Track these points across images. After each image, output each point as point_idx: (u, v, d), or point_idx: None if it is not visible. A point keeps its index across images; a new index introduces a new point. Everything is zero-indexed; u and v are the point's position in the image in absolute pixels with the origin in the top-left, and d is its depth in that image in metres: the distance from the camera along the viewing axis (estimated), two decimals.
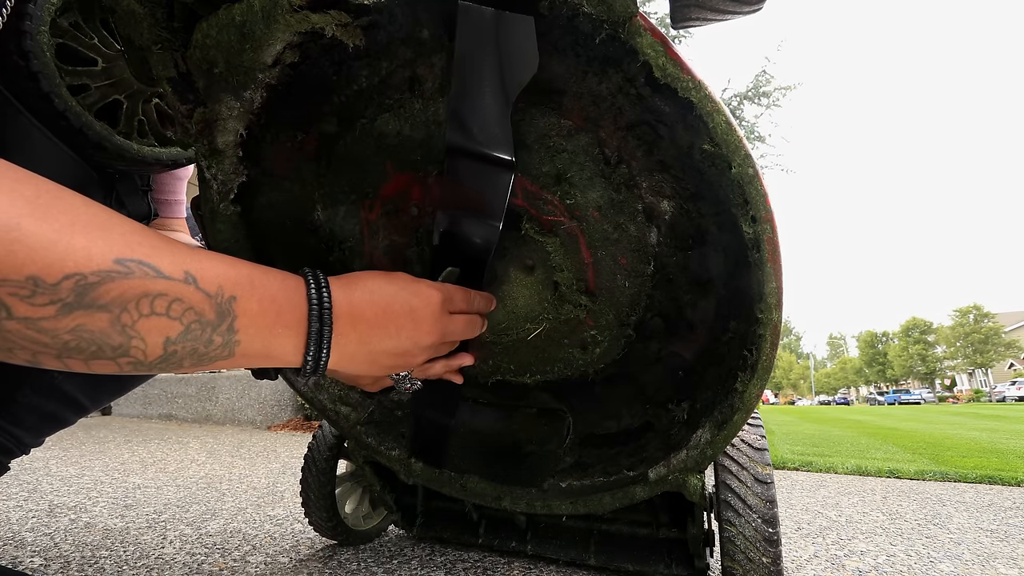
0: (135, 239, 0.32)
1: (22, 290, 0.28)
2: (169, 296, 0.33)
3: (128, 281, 0.31)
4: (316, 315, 0.40)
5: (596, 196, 0.59)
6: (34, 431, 0.70)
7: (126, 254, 0.31)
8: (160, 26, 0.52)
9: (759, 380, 0.55)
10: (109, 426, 3.26)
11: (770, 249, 0.50)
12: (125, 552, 0.90)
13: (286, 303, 0.39)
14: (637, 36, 0.45)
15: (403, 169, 0.63)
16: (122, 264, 0.31)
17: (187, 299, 0.33)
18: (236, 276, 0.37)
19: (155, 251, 0.33)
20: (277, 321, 0.39)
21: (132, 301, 0.31)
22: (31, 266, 0.28)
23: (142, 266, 0.32)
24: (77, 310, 0.30)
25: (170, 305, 0.33)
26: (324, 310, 0.41)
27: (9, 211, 0.27)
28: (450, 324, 0.51)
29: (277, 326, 0.39)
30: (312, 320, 0.40)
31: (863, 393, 70.46)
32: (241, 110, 0.56)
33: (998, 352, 45.06)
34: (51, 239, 0.28)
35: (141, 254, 0.32)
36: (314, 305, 0.41)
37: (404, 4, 0.50)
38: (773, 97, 8.46)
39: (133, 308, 0.31)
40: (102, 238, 0.31)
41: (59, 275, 0.29)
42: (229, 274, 0.36)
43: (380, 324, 0.45)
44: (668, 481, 0.63)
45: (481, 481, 0.75)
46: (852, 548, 1.16)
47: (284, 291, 0.40)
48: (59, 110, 0.53)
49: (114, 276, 0.31)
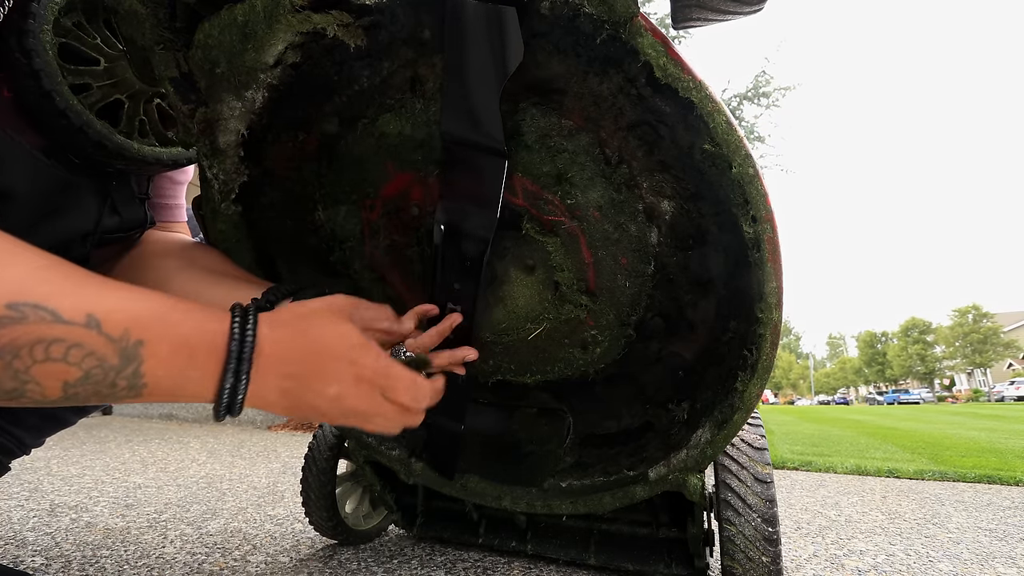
0: (35, 279, 0.31)
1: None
2: (67, 342, 0.31)
3: (21, 327, 0.30)
4: (233, 364, 0.37)
5: (597, 196, 0.59)
6: (35, 431, 0.70)
7: (20, 298, 0.30)
8: (162, 26, 0.52)
9: (759, 380, 0.55)
10: (110, 426, 3.26)
11: (770, 249, 0.50)
12: (126, 551, 0.90)
13: (201, 345, 0.36)
14: (638, 36, 0.45)
15: (404, 169, 0.63)
16: (15, 309, 0.30)
17: (87, 344, 0.32)
18: (147, 318, 0.35)
19: (55, 293, 0.31)
20: (189, 364, 0.36)
21: (25, 348, 0.30)
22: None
23: (38, 310, 0.30)
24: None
25: (68, 351, 0.31)
26: (243, 358, 0.37)
27: None
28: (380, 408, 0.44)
29: (189, 369, 0.36)
30: (229, 361, 0.37)
31: (862, 393, 70.52)
32: (243, 110, 0.56)
33: (997, 352, 45.10)
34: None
35: (39, 296, 0.31)
36: (232, 353, 0.37)
37: (405, 4, 0.50)
38: (773, 97, 8.47)
39: (26, 355, 0.30)
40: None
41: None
42: (139, 316, 0.34)
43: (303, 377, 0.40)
44: (668, 481, 0.64)
45: (481, 481, 0.75)
46: (851, 547, 1.16)
47: (200, 333, 0.37)
48: (60, 108, 0.53)
49: (5, 322, 0.30)
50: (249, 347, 0.37)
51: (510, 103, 0.56)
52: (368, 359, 0.42)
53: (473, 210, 0.57)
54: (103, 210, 0.60)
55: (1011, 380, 33.20)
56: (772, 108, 8.52)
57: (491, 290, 0.68)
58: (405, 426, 0.47)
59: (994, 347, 45.01)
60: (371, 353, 0.43)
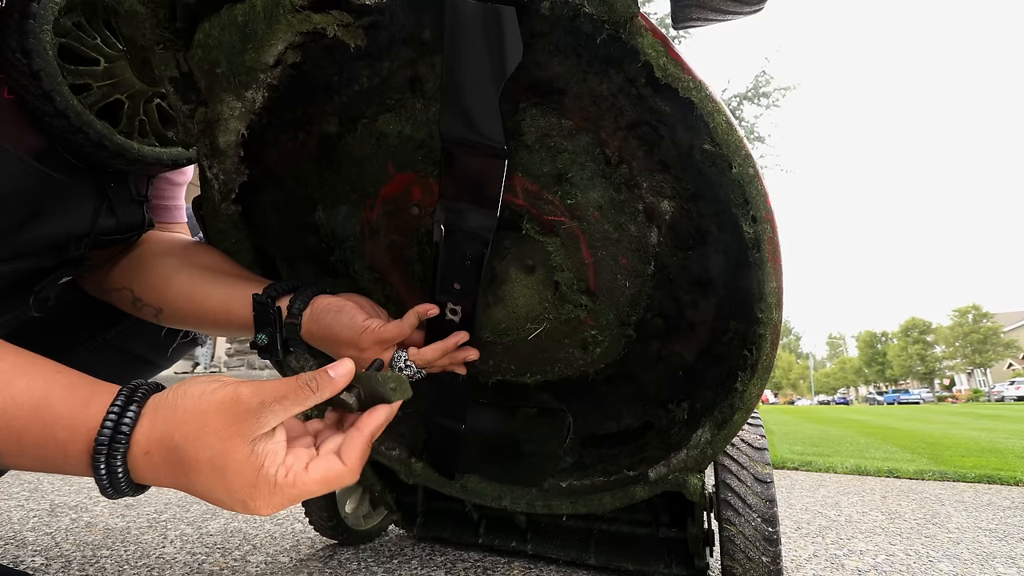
0: None
1: None
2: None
3: None
4: (104, 454, 0.34)
5: (597, 196, 0.59)
6: None
7: None
8: (162, 26, 0.52)
9: (759, 380, 0.55)
10: None
11: (770, 249, 0.50)
12: (126, 551, 0.90)
13: (63, 457, 0.35)
14: (638, 36, 0.45)
15: (404, 169, 0.63)
16: None
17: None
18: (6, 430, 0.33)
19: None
20: (64, 463, 0.35)
21: None
22: None
23: None
24: None
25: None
26: (113, 453, 0.34)
27: None
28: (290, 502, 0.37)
29: (65, 466, 0.35)
30: (98, 461, 0.34)
31: (862, 393, 70.54)
32: (243, 110, 0.56)
33: (997, 352, 45.10)
34: None
35: None
36: (103, 444, 0.34)
37: (405, 4, 0.50)
38: (773, 97, 8.47)
39: None
40: None
41: None
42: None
43: (187, 484, 0.35)
44: (668, 481, 0.64)
45: (481, 481, 0.75)
46: (851, 547, 1.16)
47: (62, 445, 0.34)
48: (60, 108, 0.53)
49: None
50: (122, 448, 0.34)
51: (510, 103, 0.56)
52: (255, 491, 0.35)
53: (473, 210, 0.57)
54: (100, 212, 0.60)
55: (1011, 380, 33.20)
56: (772, 108, 8.54)
57: (491, 290, 0.68)
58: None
59: (994, 347, 45.00)
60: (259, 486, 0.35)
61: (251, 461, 0.34)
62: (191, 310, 0.63)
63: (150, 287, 0.64)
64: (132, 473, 0.35)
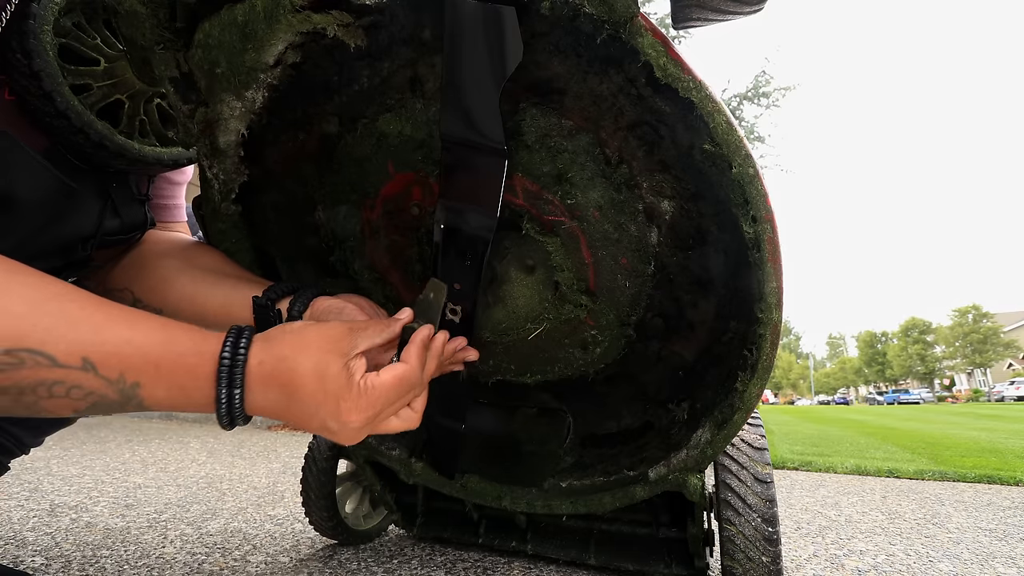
0: (30, 322, 0.32)
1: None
2: (66, 384, 0.33)
3: (20, 371, 0.32)
4: (225, 388, 0.39)
5: (597, 196, 0.59)
6: (34, 430, 0.70)
7: (18, 343, 0.32)
8: (162, 26, 0.52)
9: (759, 380, 0.55)
10: (110, 425, 3.26)
11: (770, 249, 0.50)
12: (126, 551, 0.90)
13: (193, 380, 0.39)
14: (638, 36, 0.45)
15: (404, 169, 0.63)
16: (12, 355, 0.32)
17: (85, 385, 0.34)
18: (141, 362, 0.36)
19: (51, 336, 0.33)
20: (187, 399, 0.39)
21: (28, 388, 0.32)
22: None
23: (34, 356, 0.32)
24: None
25: (69, 391, 0.33)
26: (234, 380, 0.39)
27: None
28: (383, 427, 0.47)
29: (187, 402, 0.39)
30: (220, 392, 0.39)
31: (862, 393, 70.51)
32: (243, 110, 0.56)
33: (997, 352, 45.09)
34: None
35: (35, 342, 0.32)
36: (223, 376, 0.39)
37: (405, 4, 0.50)
38: (773, 97, 8.47)
39: (30, 392, 0.32)
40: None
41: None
42: (132, 360, 0.36)
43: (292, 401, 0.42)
44: (668, 481, 0.64)
45: (481, 481, 0.75)
46: (851, 547, 1.16)
47: (193, 370, 0.39)
48: (60, 109, 0.53)
49: (5, 368, 0.31)
50: (239, 376, 0.40)
51: (510, 103, 0.56)
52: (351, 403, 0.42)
53: (473, 210, 0.56)
54: (104, 213, 0.60)
55: (1011, 380, 33.19)
56: (772, 108, 8.53)
57: (491, 290, 0.68)
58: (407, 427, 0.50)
59: (994, 347, 45.00)
60: (354, 399, 0.43)
61: (344, 371, 0.42)
62: (191, 312, 0.63)
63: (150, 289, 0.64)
64: (247, 394, 0.40)
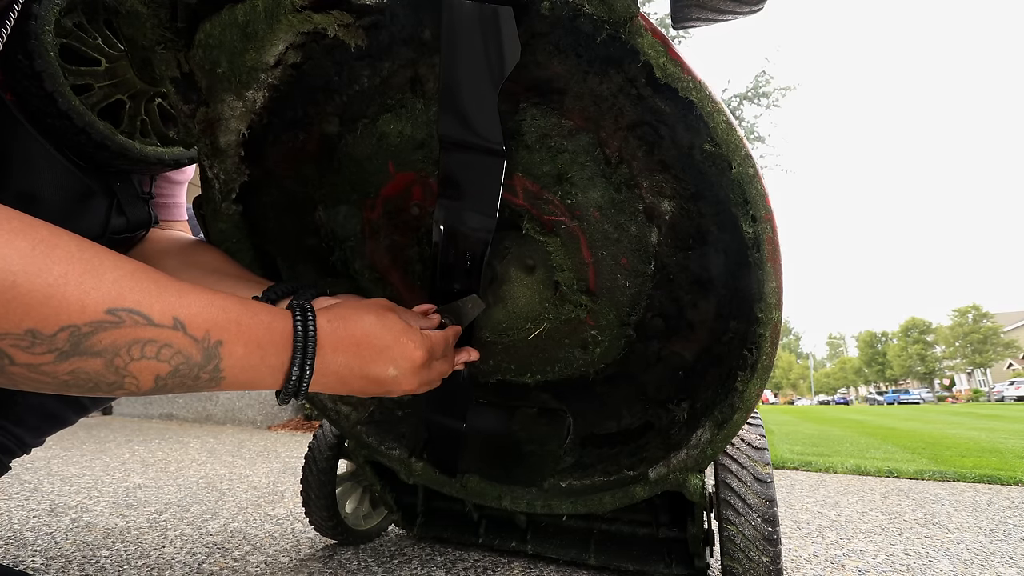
0: (126, 285, 0.34)
1: (22, 341, 0.30)
2: (158, 342, 0.35)
3: (119, 330, 0.33)
4: (299, 356, 0.42)
5: (597, 196, 0.60)
6: (35, 430, 0.70)
7: (117, 303, 0.33)
8: (163, 26, 0.52)
9: (759, 380, 0.55)
10: (110, 426, 3.26)
11: (770, 249, 0.50)
12: (126, 551, 0.90)
13: (271, 344, 0.41)
14: (638, 36, 0.45)
15: (404, 169, 0.63)
16: (113, 314, 0.33)
17: (175, 344, 0.36)
18: (224, 320, 0.39)
19: (146, 297, 0.35)
20: (262, 362, 0.41)
21: (123, 347, 0.34)
22: (28, 320, 0.30)
23: (132, 315, 0.34)
24: (73, 357, 0.32)
25: (159, 350, 0.35)
26: (308, 350, 0.43)
27: (6, 267, 0.29)
28: (431, 374, 0.52)
29: (261, 365, 0.41)
30: (296, 354, 0.42)
31: (862, 393, 70.49)
32: (243, 110, 0.56)
33: (997, 352, 45.08)
34: (46, 294, 0.30)
35: (132, 302, 0.34)
36: (298, 347, 0.42)
37: (406, 4, 0.50)
38: (773, 97, 8.48)
39: (124, 353, 0.34)
40: (95, 289, 0.32)
41: (55, 327, 0.31)
42: (217, 319, 0.38)
43: (360, 364, 0.46)
44: (668, 480, 0.64)
45: (481, 481, 0.75)
46: (851, 547, 1.16)
47: (269, 333, 0.41)
48: (62, 110, 0.54)
49: (106, 326, 0.33)
50: (312, 342, 0.43)
51: (510, 103, 0.56)
52: (414, 341, 0.49)
53: (472, 211, 0.56)
54: (111, 211, 0.60)
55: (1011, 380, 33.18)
56: (772, 108, 8.54)
57: (491, 290, 0.68)
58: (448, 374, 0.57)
59: (994, 347, 45.00)
60: (415, 336, 0.50)
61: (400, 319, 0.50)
62: None
63: None
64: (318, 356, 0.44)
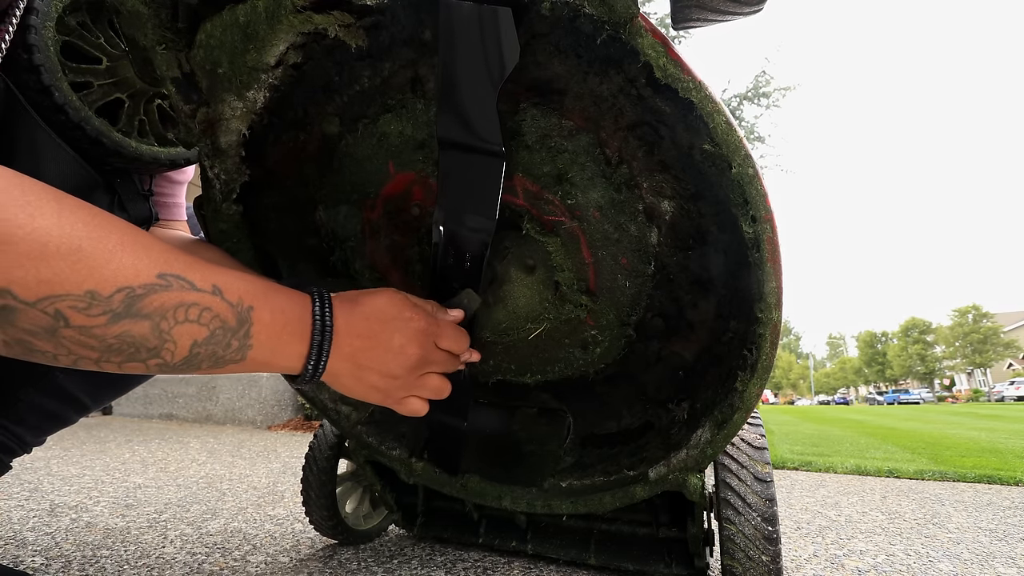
0: (171, 256, 0.37)
1: (80, 303, 0.32)
2: (200, 305, 0.38)
3: (168, 293, 0.36)
4: (319, 328, 0.45)
5: (597, 196, 0.60)
6: (36, 430, 0.70)
7: (166, 269, 0.36)
8: (164, 27, 0.52)
9: (759, 379, 0.55)
10: (110, 426, 3.26)
11: (770, 249, 0.50)
12: (126, 551, 0.90)
13: (293, 315, 0.44)
14: (638, 37, 0.45)
15: (405, 169, 0.63)
16: (163, 278, 0.36)
17: (214, 308, 0.39)
18: (253, 289, 0.42)
19: (188, 267, 0.38)
20: (284, 330, 0.43)
21: (171, 310, 0.36)
22: (90, 281, 0.32)
23: (179, 280, 0.37)
24: (125, 319, 0.34)
25: (201, 313, 0.38)
26: (326, 325, 0.45)
27: (72, 232, 0.32)
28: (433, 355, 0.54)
29: (284, 334, 0.43)
30: (315, 333, 0.45)
31: (862, 393, 70.50)
32: (244, 110, 0.56)
33: (997, 352, 45.09)
34: (106, 258, 0.33)
35: (178, 269, 0.37)
36: (317, 320, 0.45)
37: (406, 5, 0.50)
38: (773, 98, 8.49)
39: (171, 316, 0.36)
40: (147, 256, 0.35)
41: (112, 288, 0.33)
42: (247, 287, 0.41)
43: (370, 344, 0.48)
44: (668, 480, 0.64)
45: (482, 481, 0.75)
46: (851, 547, 1.16)
47: (292, 305, 0.44)
48: (59, 104, 0.54)
49: (157, 288, 0.35)
50: (330, 327, 0.45)
51: (510, 103, 0.56)
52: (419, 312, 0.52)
53: (471, 211, 0.56)
54: (112, 208, 0.60)
55: (1011, 380, 33.18)
56: (772, 108, 8.55)
57: (491, 290, 0.68)
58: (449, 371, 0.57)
59: (994, 347, 45.02)
60: (420, 310, 0.52)
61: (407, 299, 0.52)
62: None
63: None
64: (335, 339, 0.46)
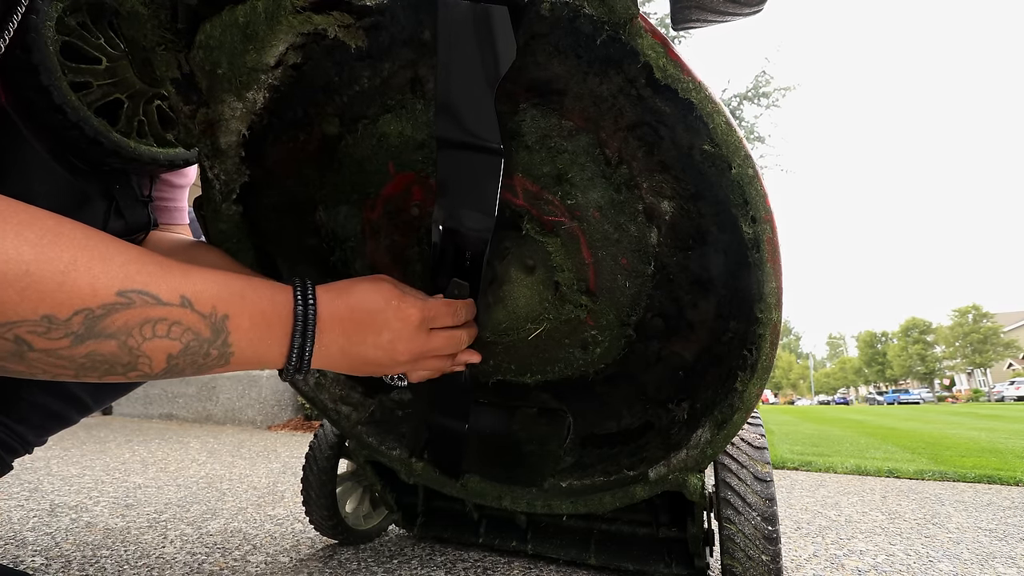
0: (134, 268, 0.35)
1: (38, 327, 0.31)
2: (168, 320, 0.36)
3: (131, 311, 0.34)
4: (300, 324, 0.44)
5: (597, 196, 0.60)
6: (38, 429, 0.70)
7: (127, 285, 0.34)
8: (164, 27, 0.52)
9: (759, 380, 0.55)
10: (110, 426, 3.26)
11: (770, 249, 0.50)
12: (126, 551, 0.90)
13: (274, 316, 0.43)
14: (638, 37, 0.45)
15: (404, 169, 0.63)
16: (124, 296, 0.34)
17: (184, 321, 0.37)
18: (228, 295, 0.40)
19: (153, 278, 0.36)
20: (267, 333, 0.42)
21: (136, 327, 0.35)
22: (43, 307, 0.31)
23: (142, 295, 0.35)
24: (89, 340, 0.33)
25: (170, 328, 0.36)
26: (308, 321, 0.44)
27: (18, 257, 0.30)
28: (430, 341, 0.53)
29: (267, 337, 0.42)
30: (296, 330, 0.44)
31: (862, 393, 70.50)
32: (244, 111, 0.56)
33: (997, 352, 45.09)
34: (58, 281, 0.31)
35: (140, 283, 0.35)
36: (299, 315, 0.44)
37: (406, 5, 0.50)
38: (773, 98, 8.49)
39: (137, 333, 0.35)
40: (104, 272, 0.33)
41: (69, 312, 0.32)
42: (222, 294, 0.40)
43: (358, 333, 0.48)
44: (668, 480, 0.64)
45: (482, 481, 0.75)
46: (851, 547, 1.16)
47: (273, 305, 0.43)
48: (57, 103, 0.54)
49: (118, 307, 0.34)
50: (312, 313, 0.44)
51: (510, 104, 0.56)
52: (407, 302, 0.50)
53: (471, 211, 0.56)
54: (109, 215, 0.60)
55: (1011, 380, 33.19)
56: (772, 108, 8.55)
57: (491, 290, 0.68)
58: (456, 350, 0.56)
59: (994, 347, 45.01)
60: (409, 298, 0.51)
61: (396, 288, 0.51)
62: None
63: None
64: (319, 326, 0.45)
